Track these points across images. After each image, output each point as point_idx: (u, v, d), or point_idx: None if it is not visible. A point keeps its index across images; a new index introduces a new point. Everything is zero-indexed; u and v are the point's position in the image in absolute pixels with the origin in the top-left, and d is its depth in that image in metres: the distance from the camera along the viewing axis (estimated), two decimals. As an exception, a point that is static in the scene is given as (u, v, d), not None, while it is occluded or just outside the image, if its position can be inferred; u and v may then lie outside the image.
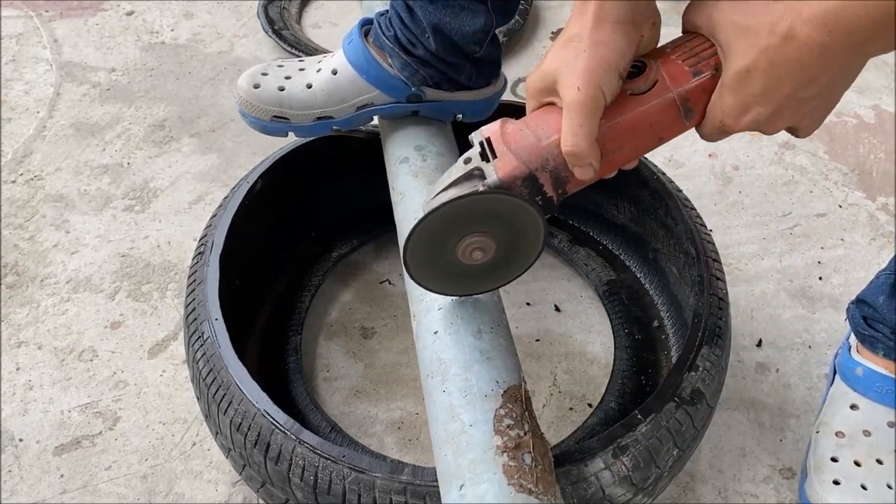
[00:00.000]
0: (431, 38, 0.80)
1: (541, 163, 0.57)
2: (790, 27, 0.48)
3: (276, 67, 0.87)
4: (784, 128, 0.56)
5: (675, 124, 0.57)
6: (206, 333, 0.74)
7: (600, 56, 0.54)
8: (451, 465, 0.55)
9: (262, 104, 0.85)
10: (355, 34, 0.85)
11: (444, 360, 0.62)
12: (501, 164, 0.57)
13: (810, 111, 0.54)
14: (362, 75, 0.84)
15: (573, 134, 0.54)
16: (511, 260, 0.63)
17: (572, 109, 0.54)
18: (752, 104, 0.53)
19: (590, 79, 0.53)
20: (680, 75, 0.56)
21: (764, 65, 0.50)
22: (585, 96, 0.53)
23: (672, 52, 0.57)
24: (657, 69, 0.56)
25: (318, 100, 0.85)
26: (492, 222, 0.59)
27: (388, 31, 0.82)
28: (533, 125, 0.58)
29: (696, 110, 0.57)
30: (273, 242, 1.04)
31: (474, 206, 0.57)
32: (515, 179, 0.57)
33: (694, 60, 0.56)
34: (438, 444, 0.58)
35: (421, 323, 0.67)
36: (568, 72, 0.54)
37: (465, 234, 0.60)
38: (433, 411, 0.60)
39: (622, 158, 0.59)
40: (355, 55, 0.84)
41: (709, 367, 0.72)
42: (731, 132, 0.57)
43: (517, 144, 0.57)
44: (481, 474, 0.53)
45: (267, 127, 0.87)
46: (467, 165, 0.58)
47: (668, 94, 0.56)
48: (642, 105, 0.56)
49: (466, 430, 0.56)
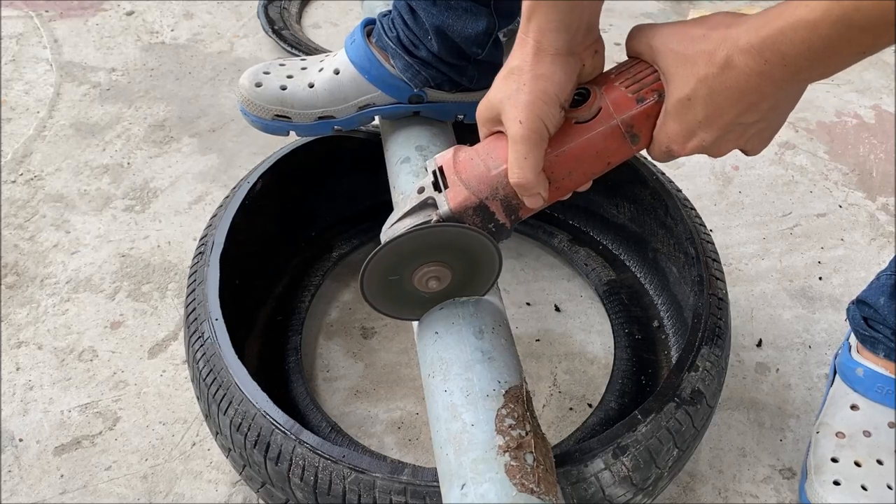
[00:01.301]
0: (434, 40, 0.80)
1: (491, 192, 0.58)
2: (727, 56, 0.48)
3: (277, 66, 0.87)
4: (730, 151, 0.56)
5: (622, 149, 0.58)
6: (206, 333, 0.74)
7: (540, 89, 0.54)
8: (452, 464, 0.55)
9: (264, 103, 0.85)
10: (358, 34, 0.85)
11: (446, 359, 0.62)
12: (452, 194, 0.58)
13: (756, 134, 0.55)
14: (364, 75, 0.84)
15: (519, 166, 0.55)
16: (468, 286, 0.65)
17: (516, 142, 0.55)
18: (696, 130, 0.54)
19: (531, 112, 0.54)
20: (623, 102, 0.56)
21: (704, 93, 0.51)
22: (527, 129, 0.54)
23: (616, 78, 0.58)
24: (601, 97, 0.57)
25: (320, 99, 0.85)
26: (445, 252, 0.61)
27: (390, 32, 0.82)
28: (483, 154, 0.59)
29: (641, 135, 0.57)
30: (273, 242, 1.04)
31: (427, 238, 0.59)
32: (466, 209, 0.58)
33: (637, 87, 0.56)
34: (440, 444, 0.58)
35: (422, 323, 0.67)
36: (510, 105, 0.55)
37: (420, 265, 0.61)
38: (434, 410, 0.60)
39: (571, 184, 0.60)
40: (357, 55, 0.84)
41: (709, 367, 0.72)
42: (678, 156, 0.57)
43: (468, 174, 0.58)
44: (483, 474, 0.53)
45: (268, 126, 0.87)
46: (421, 195, 0.60)
47: (612, 121, 0.57)
48: (587, 133, 0.57)
49: (468, 430, 0.56)
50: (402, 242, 0.59)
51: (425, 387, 0.63)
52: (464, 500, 0.52)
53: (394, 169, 0.84)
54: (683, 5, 1.80)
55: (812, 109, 1.47)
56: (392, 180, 0.83)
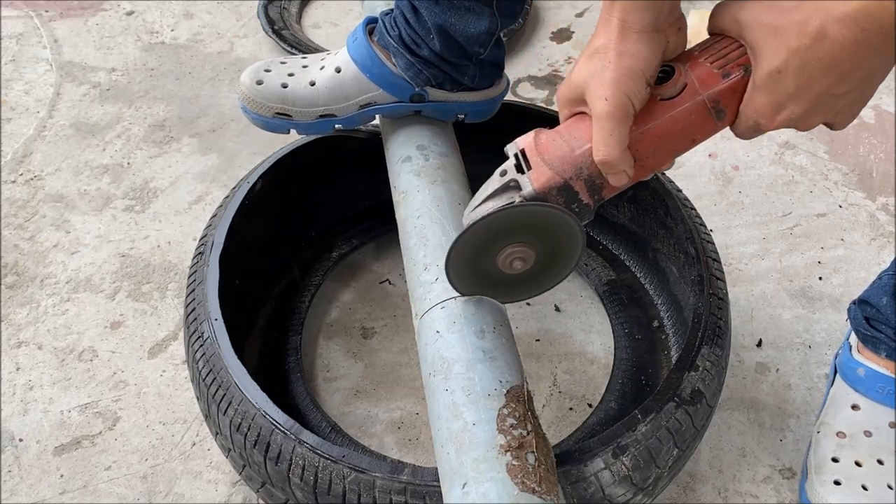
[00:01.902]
0: (436, 39, 0.80)
1: (575, 172, 0.57)
2: (821, 26, 0.47)
3: (279, 64, 0.87)
4: (819, 123, 0.55)
5: (708, 125, 0.57)
6: (205, 333, 0.74)
7: (626, 66, 0.54)
8: (453, 463, 0.55)
9: (265, 101, 0.85)
10: (360, 33, 0.85)
11: (447, 358, 0.62)
12: (536, 174, 0.58)
13: (846, 106, 0.54)
14: (366, 74, 0.84)
15: (604, 143, 0.55)
16: (551, 267, 0.65)
17: (602, 119, 0.54)
18: (786, 103, 0.53)
19: (617, 89, 0.54)
20: (709, 78, 0.56)
21: (795, 65, 0.50)
22: (613, 106, 0.54)
23: (700, 54, 0.57)
24: (686, 73, 0.56)
25: (321, 97, 0.85)
26: (530, 232, 0.61)
27: (392, 31, 0.82)
28: (566, 135, 0.58)
29: (727, 111, 0.57)
30: (273, 242, 1.04)
31: (511, 217, 0.59)
32: (551, 189, 0.57)
33: (722, 62, 0.56)
34: (441, 443, 0.58)
35: (423, 321, 0.67)
36: (595, 83, 0.55)
37: (505, 246, 0.61)
38: (435, 409, 0.60)
39: (656, 162, 0.59)
40: (359, 53, 0.84)
41: (709, 367, 0.72)
42: (766, 130, 0.56)
43: (551, 155, 0.58)
44: (485, 473, 0.53)
45: (269, 124, 0.87)
46: (503, 178, 0.59)
47: (698, 96, 0.56)
48: (673, 110, 0.56)
49: (469, 429, 0.56)
50: (489, 222, 0.58)
51: (426, 386, 0.63)
52: (465, 498, 0.52)
53: (395, 168, 0.84)
54: (684, 5, 1.80)
55: (812, 109, 1.47)
56: (393, 179, 0.83)
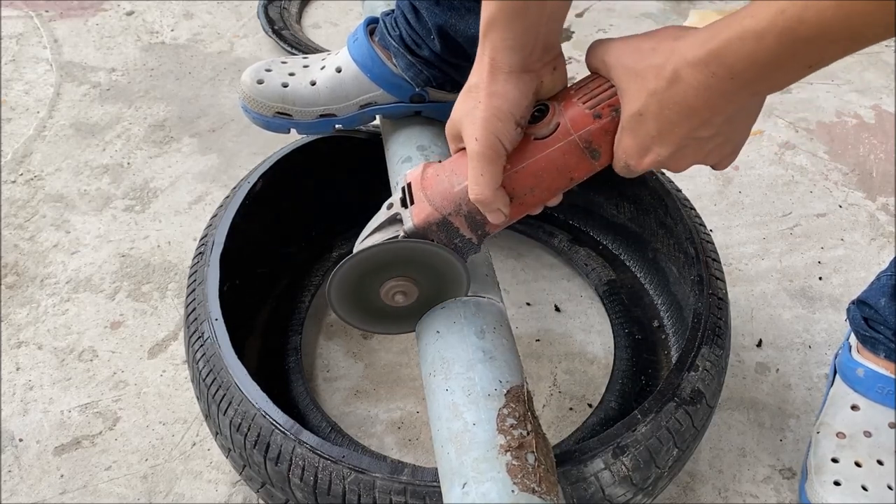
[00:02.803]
0: (436, 40, 0.80)
1: (454, 208, 0.58)
2: (675, 70, 0.48)
3: (279, 64, 0.87)
4: (691, 165, 0.55)
5: (583, 165, 0.58)
6: (205, 333, 0.74)
7: (495, 106, 0.55)
8: (453, 463, 0.55)
9: (266, 100, 0.85)
10: (361, 33, 0.85)
11: (447, 358, 0.62)
12: (417, 210, 0.59)
13: (715, 148, 0.54)
14: (367, 74, 0.84)
15: (476, 182, 0.56)
16: (436, 300, 0.66)
17: (473, 159, 0.55)
18: (650, 146, 0.53)
19: (486, 129, 0.54)
20: (581, 118, 0.56)
21: (654, 108, 0.50)
22: (483, 146, 0.54)
23: (575, 94, 0.57)
24: (559, 112, 0.57)
25: (322, 97, 0.85)
26: (410, 267, 0.62)
27: (393, 31, 0.82)
28: (448, 170, 0.59)
29: (601, 151, 0.57)
30: (273, 242, 1.04)
31: (390, 253, 0.60)
32: (430, 225, 0.59)
33: (594, 102, 0.56)
34: (440, 443, 0.58)
35: (423, 322, 0.67)
36: (468, 122, 0.56)
37: (387, 279, 0.63)
38: (435, 409, 0.60)
39: (535, 200, 0.60)
40: (360, 53, 0.84)
41: (709, 367, 0.72)
42: (637, 171, 0.57)
43: (433, 190, 0.59)
44: (485, 473, 0.53)
45: (269, 123, 0.87)
46: (389, 211, 0.61)
47: (570, 137, 0.56)
48: (546, 149, 0.57)
49: (469, 429, 0.56)
50: (366, 258, 0.60)
51: (426, 386, 0.63)
52: (465, 498, 0.52)
53: (395, 168, 0.84)
54: (683, 5, 1.80)
55: (812, 109, 1.47)
56: (393, 179, 0.83)
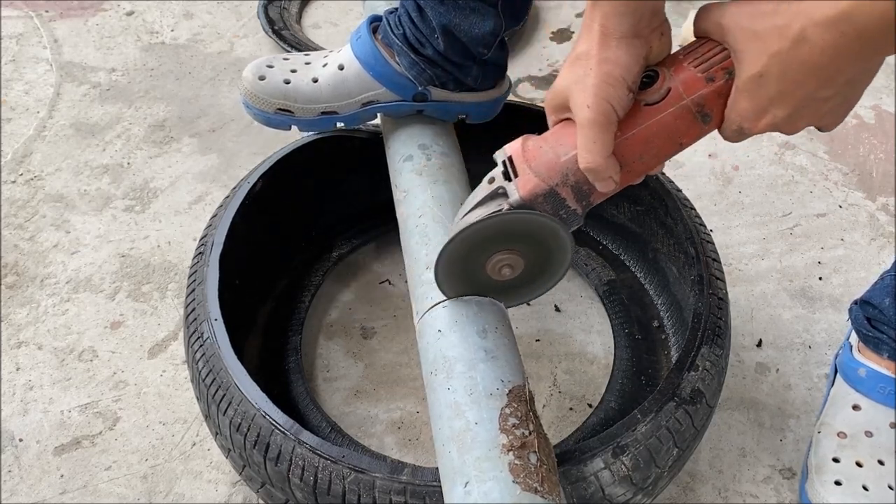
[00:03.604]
0: (440, 39, 0.80)
1: (561, 179, 0.58)
2: (801, 30, 0.47)
3: (281, 60, 0.87)
4: (805, 127, 0.55)
5: (694, 129, 0.57)
6: (205, 334, 0.74)
7: (606, 73, 0.54)
8: (455, 461, 0.55)
9: (267, 96, 0.85)
10: (364, 30, 0.84)
11: (449, 357, 0.62)
12: (523, 182, 0.58)
13: (830, 110, 0.53)
14: (369, 72, 0.84)
15: (588, 151, 0.55)
16: (540, 274, 0.66)
17: (584, 127, 0.54)
18: (769, 107, 0.53)
19: (598, 96, 0.54)
20: (693, 82, 0.56)
21: (777, 69, 0.50)
22: (596, 113, 0.54)
23: (684, 59, 0.57)
24: (670, 77, 0.56)
25: (324, 94, 0.85)
26: (518, 240, 0.61)
27: (397, 30, 0.82)
28: (552, 142, 0.59)
29: (713, 115, 0.56)
30: (273, 242, 1.04)
31: (498, 226, 0.59)
32: (537, 197, 0.58)
33: (706, 66, 0.55)
34: (442, 441, 0.58)
35: (425, 320, 0.67)
36: (578, 90, 0.55)
37: (493, 253, 0.62)
38: (437, 408, 0.60)
39: (644, 167, 0.59)
40: (363, 51, 0.84)
41: (708, 367, 0.72)
42: (751, 134, 0.56)
43: (537, 162, 0.58)
44: (487, 472, 0.53)
45: (271, 119, 0.87)
46: (491, 185, 0.60)
47: (682, 101, 0.56)
48: (657, 115, 0.56)
49: (472, 428, 0.56)
50: (474, 232, 0.59)
51: (427, 384, 0.63)
52: (467, 497, 0.52)
53: (396, 166, 0.84)
54: (684, 5, 1.80)
55: (812, 109, 1.47)
56: (394, 178, 0.83)
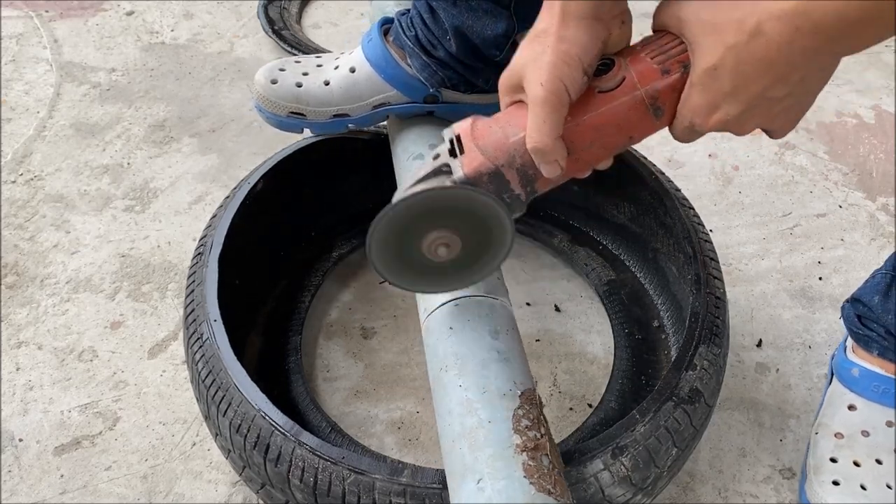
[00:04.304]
0: (452, 41, 0.79)
1: (507, 159, 0.57)
2: (757, 23, 0.47)
3: (293, 63, 0.87)
4: (755, 128, 0.55)
5: (644, 123, 0.57)
6: (204, 335, 0.74)
7: (564, 51, 0.53)
8: (466, 458, 0.55)
9: (279, 100, 0.85)
10: (375, 33, 0.84)
11: (461, 355, 0.61)
12: (468, 159, 0.57)
13: (782, 111, 0.54)
14: (380, 74, 0.84)
15: (537, 130, 0.54)
16: (478, 259, 0.63)
17: (536, 105, 0.54)
18: (721, 103, 0.52)
19: (553, 74, 0.53)
20: (648, 73, 0.55)
21: (731, 62, 0.50)
22: (548, 91, 0.53)
23: (641, 49, 0.57)
24: (625, 67, 0.56)
25: (335, 97, 0.85)
26: (457, 218, 0.59)
27: (408, 32, 0.82)
28: (503, 122, 0.58)
29: (665, 109, 0.56)
30: (273, 242, 1.04)
31: (438, 200, 0.57)
32: (481, 175, 0.57)
33: (663, 58, 0.55)
34: (451, 438, 0.57)
35: (434, 317, 0.66)
36: (533, 67, 0.54)
37: (430, 230, 0.59)
38: (446, 405, 0.60)
39: (592, 157, 0.58)
40: (374, 54, 0.84)
41: (707, 366, 0.72)
42: (701, 132, 0.56)
43: (485, 141, 0.57)
44: (501, 470, 0.53)
45: (283, 122, 0.87)
46: (436, 161, 0.58)
47: (636, 91, 0.55)
48: (610, 102, 0.56)
49: (485, 426, 0.56)
50: (415, 203, 0.57)
51: (435, 380, 0.63)
52: (479, 494, 0.52)
53: (404, 164, 0.83)
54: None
55: (812, 109, 1.47)
56: (402, 176, 0.83)
